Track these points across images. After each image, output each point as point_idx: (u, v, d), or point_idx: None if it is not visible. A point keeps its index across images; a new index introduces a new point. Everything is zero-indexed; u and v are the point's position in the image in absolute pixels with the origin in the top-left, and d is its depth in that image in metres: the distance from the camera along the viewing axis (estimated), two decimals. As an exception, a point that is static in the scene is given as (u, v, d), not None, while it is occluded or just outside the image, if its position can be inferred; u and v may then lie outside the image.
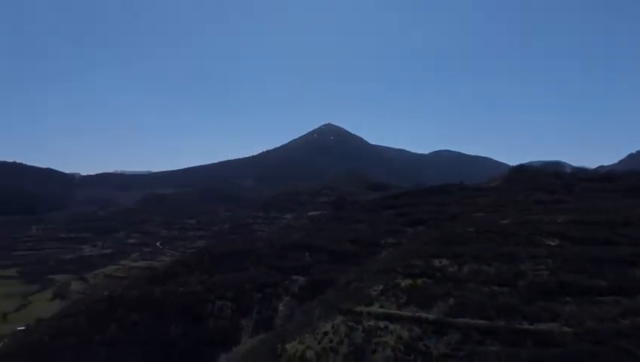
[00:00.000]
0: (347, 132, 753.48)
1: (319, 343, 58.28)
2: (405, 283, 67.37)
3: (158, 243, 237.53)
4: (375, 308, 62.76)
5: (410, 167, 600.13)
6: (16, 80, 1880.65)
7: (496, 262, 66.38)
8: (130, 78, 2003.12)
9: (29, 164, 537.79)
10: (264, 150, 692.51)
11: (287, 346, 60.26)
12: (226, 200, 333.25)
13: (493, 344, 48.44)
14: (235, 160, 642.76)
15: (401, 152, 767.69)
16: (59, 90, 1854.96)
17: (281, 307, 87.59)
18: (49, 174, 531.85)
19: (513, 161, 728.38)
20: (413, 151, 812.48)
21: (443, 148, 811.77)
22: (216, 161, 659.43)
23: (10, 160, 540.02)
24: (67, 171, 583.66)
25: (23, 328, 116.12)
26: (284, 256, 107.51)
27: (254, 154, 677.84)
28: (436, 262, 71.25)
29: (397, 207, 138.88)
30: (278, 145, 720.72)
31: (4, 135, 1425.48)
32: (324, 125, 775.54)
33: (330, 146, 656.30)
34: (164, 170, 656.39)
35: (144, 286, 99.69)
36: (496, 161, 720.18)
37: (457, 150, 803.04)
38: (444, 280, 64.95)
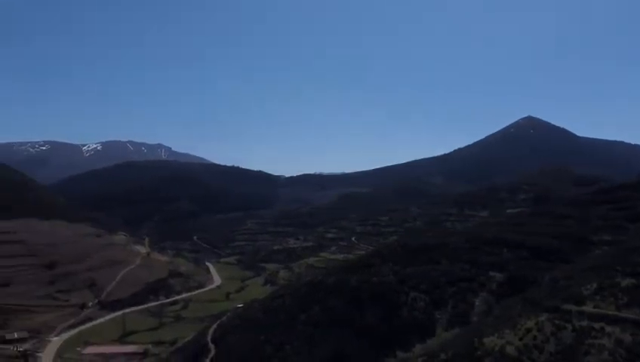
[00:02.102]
0: (549, 124, 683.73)
1: (520, 339, 54.29)
2: (627, 282, 58.86)
3: (353, 238, 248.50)
4: (588, 308, 56.08)
5: (631, 160, 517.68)
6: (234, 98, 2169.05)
7: None
8: (324, 84, 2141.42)
9: (244, 167, 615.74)
10: (456, 148, 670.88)
11: (485, 340, 57.46)
12: (418, 198, 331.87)
13: None
14: (427, 158, 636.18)
15: (619, 144, 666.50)
16: (261, 103, 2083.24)
17: (477, 302, 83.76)
18: (260, 176, 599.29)
19: None
20: (634, 143, 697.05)
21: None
22: (407, 160, 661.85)
23: (229, 164, 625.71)
24: (274, 173, 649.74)
25: (241, 305, 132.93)
26: (480, 251, 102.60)
27: (447, 152, 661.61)
28: (668, 261, 60.64)
29: (614, 201, 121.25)
30: (471, 142, 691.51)
31: (225, 144, 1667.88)
32: (523, 118, 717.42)
33: (529, 140, 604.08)
34: (358, 170, 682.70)
35: (341, 274, 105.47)
36: None
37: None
38: (680, 282, 54.86)
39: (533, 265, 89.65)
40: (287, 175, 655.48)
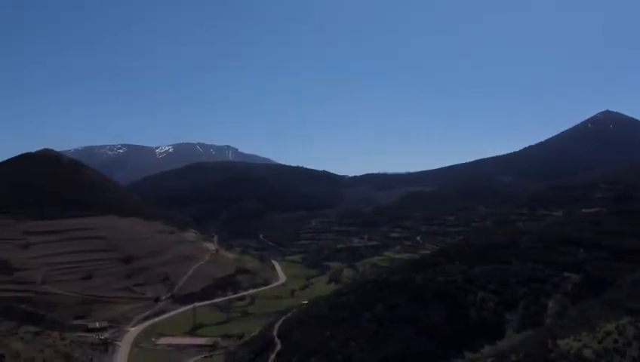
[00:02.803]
0: (631, 119, 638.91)
1: (599, 342, 51.28)
2: None
3: (418, 238, 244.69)
4: (676, 311, 52.11)
5: None
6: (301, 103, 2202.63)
7: None
8: (389, 84, 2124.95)
9: (309, 167, 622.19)
10: (526, 145, 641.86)
11: (560, 342, 54.75)
12: (485, 197, 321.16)
13: None
14: (493, 157, 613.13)
15: None
16: (328, 106, 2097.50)
17: (550, 304, 79.98)
18: (324, 176, 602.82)
19: None
20: None
21: None
22: (474, 159, 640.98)
23: (294, 164, 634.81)
24: (338, 173, 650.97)
25: (306, 302, 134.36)
26: (554, 250, 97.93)
27: (516, 150, 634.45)
28: None
29: None
30: (543, 139, 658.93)
31: (290, 144, 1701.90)
32: (601, 113, 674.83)
33: (608, 136, 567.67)
34: (422, 170, 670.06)
35: (406, 273, 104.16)
36: None
37: None
38: None
39: (613, 265, 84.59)
40: (350, 175, 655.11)
